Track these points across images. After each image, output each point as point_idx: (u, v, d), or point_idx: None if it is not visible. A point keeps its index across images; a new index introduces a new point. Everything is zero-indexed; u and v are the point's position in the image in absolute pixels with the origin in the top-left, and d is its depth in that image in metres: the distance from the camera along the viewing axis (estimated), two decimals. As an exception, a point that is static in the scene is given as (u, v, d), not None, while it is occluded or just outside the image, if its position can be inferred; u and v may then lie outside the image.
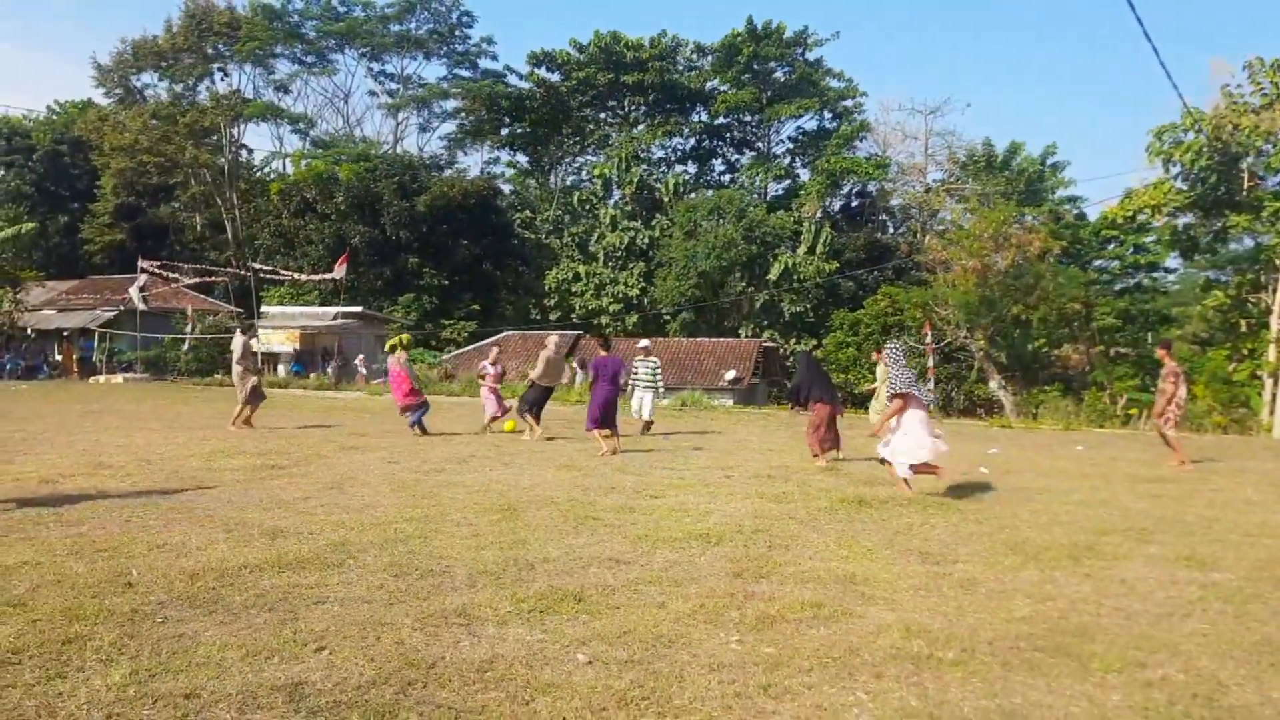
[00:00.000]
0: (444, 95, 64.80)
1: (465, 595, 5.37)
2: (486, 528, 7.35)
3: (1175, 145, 31.07)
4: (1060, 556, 6.89)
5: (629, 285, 50.67)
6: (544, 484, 9.87)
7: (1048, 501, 9.59)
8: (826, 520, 8.20)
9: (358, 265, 44.27)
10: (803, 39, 56.78)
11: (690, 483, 10.35)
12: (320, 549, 6.40)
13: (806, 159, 59.52)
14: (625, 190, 54.31)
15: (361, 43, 64.27)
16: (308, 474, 10.19)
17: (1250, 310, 32.66)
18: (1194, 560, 6.87)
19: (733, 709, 3.87)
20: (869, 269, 48.13)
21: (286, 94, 66.02)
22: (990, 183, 47.90)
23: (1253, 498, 10.31)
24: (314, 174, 50.59)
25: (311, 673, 4.10)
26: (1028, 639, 4.89)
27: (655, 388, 17.18)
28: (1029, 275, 35.59)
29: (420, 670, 4.17)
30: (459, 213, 47.84)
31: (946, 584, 6.04)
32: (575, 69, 58.85)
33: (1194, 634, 5.08)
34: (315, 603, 5.16)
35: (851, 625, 5.07)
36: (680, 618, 5.09)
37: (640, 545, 6.89)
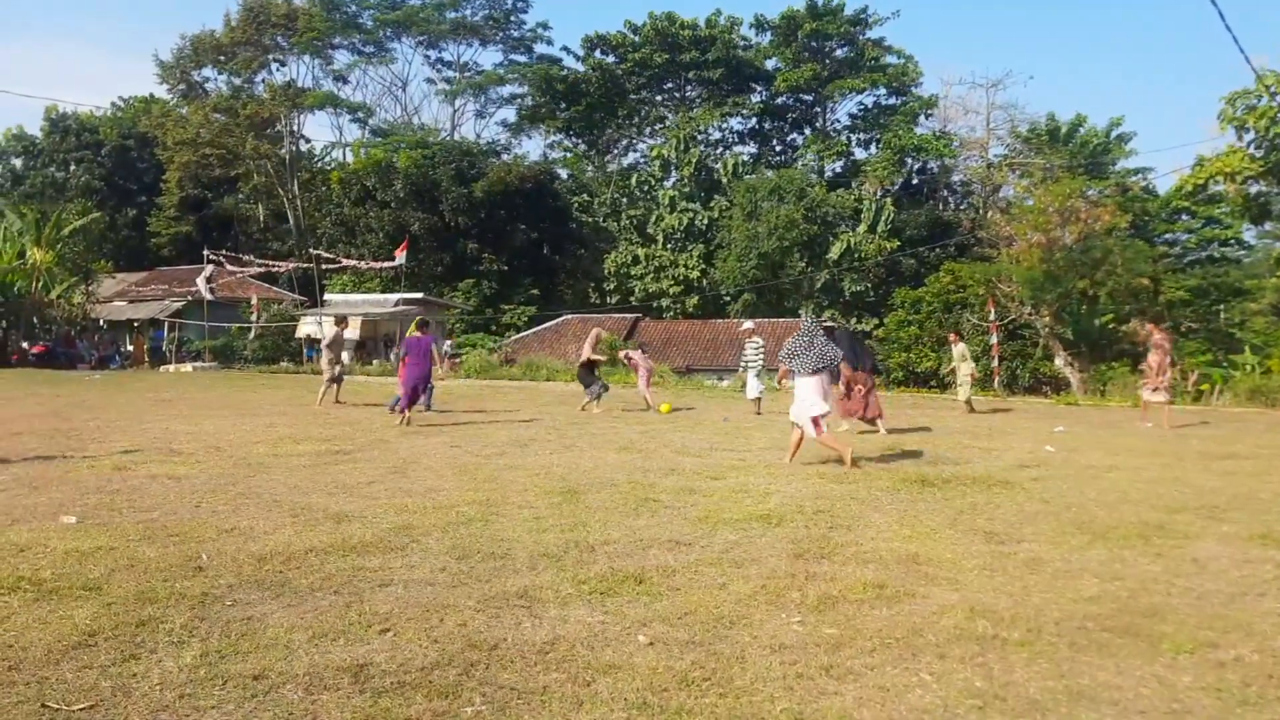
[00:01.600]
0: (500, 81, 65.12)
1: (527, 577, 5.43)
2: (547, 510, 7.42)
3: (1249, 111, 29.96)
4: (1129, 535, 6.74)
5: (689, 267, 50.47)
6: (604, 466, 9.92)
7: (1116, 480, 9.38)
8: (888, 500, 8.12)
9: (417, 252, 44.77)
10: (862, 17, 55.93)
11: (751, 464, 10.32)
12: (384, 532, 6.52)
13: (866, 136, 58.68)
14: (684, 171, 54.05)
15: (418, 31, 64.76)
16: (371, 459, 10.37)
17: (1329, 280, 31.48)
18: (1269, 539, 6.67)
19: (794, 690, 3.86)
20: (930, 246, 47.32)
21: (345, 84, 66.92)
22: (1054, 156, 46.72)
23: None
24: (373, 162, 51.22)
25: (376, 654, 4.17)
26: (1096, 619, 4.80)
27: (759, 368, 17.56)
28: (1096, 250, 34.65)
29: (483, 651, 4.23)
30: (516, 198, 48.08)
31: (1011, 564, 5.95)
32: (630, 51, 58.66)
33: (1269, 614, 4.94)
34: (379, 585, 5.25)
35: (914, 606, 5.03)
36: (741, 599, 5.09)
37: (701, 527, 6.90)
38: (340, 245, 47.54)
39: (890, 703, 3.75)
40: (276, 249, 54.51)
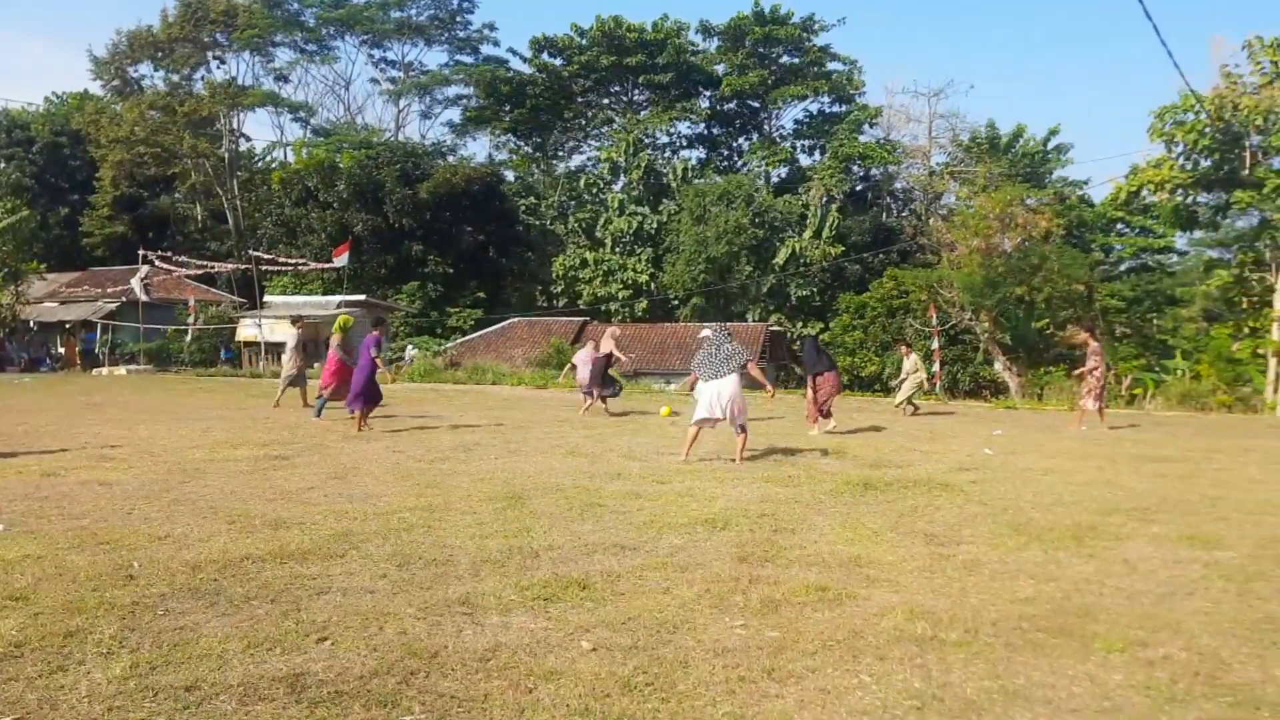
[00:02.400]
0: (446, 82, 64.55)
1: (469, 584, 5.37)
2: (491, 516, 7.36)
3: (1177, 125, 30.91)
4: (1064, 537, 6.90)
5: (638, 271, 50.50)
6: (550, 471, 9.88)
7: (1051, 482, 9.59)
8: (832, 504, 8.21)
9: (360, 254, 44.18)
10: (809, 24, 56.55)
11: (696, 468, 10.35)
12: (323, 539, 6.41)
13: (811, 143, 59.31)
14: (632, 175, 54.08)
15: (362, 29, 63.93)
16: (311, 464, 10.20)
17: (1253, 288, 32.53)
18: (1197, 539, 6.87)
19: (736, 694, 3.87)
20: (874, 252, 47.99)
21: (286, 82, 65.76)
22: (994, 164, 47.67)
23: (1256, 476, 10.30)
24: (315, 162, 50.41)
25: (313, 663, 4.10)
26: (1031, 619, 4.90)
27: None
28: (1033, 256, 35.46)
29: (423, 659, 4.17)
30: (462, 199, 47.71)
31: (950, 565, 6.04)
32: (577, 53, 58.60)
33: (1196, 612, 5.08)
34: (317, 593, 5.16)
35: (856, 608, 5.08)
36: (685, 603, 5.09)
37: (646, 531, 6.90)
38: (281, 246, 46.72)
39: (830, 704, 3.78)
40: (215, 249, 53.38)
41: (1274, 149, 29.71)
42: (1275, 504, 8.43)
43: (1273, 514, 7.94)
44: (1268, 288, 31.25)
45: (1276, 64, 29.20)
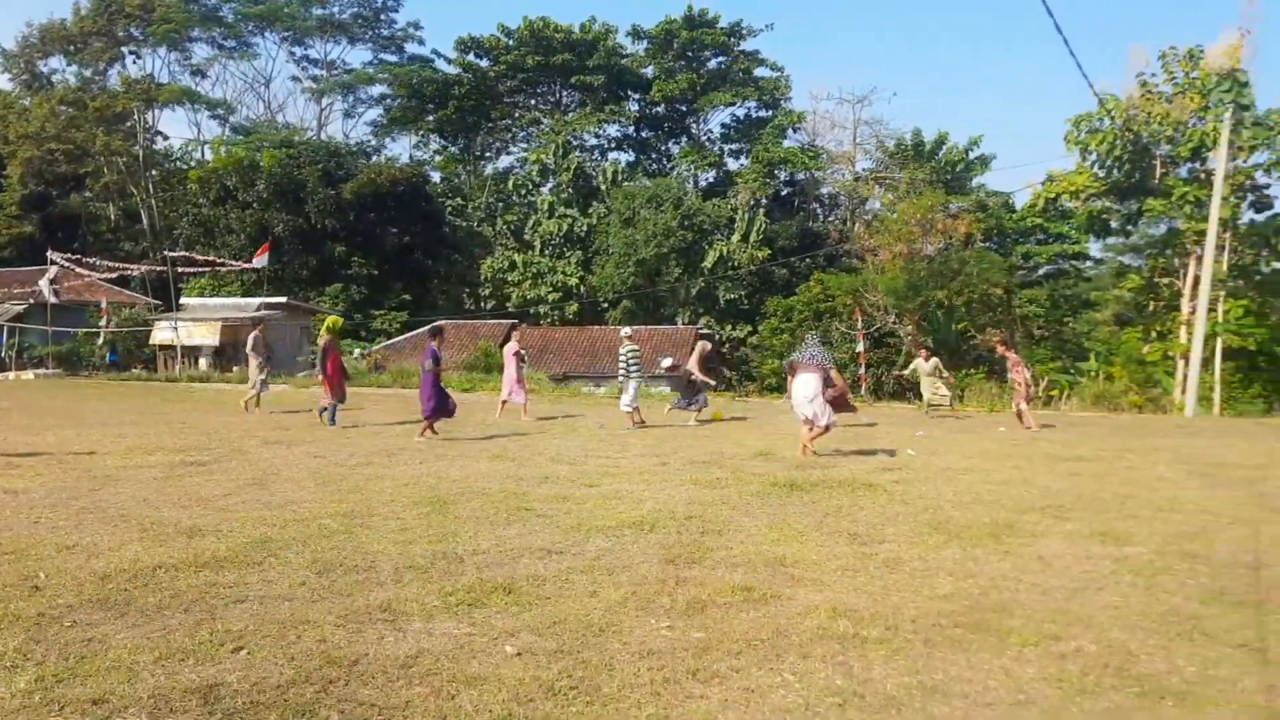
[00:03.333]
0: (369, 81, 63.67)
1: (391, 590, 5.28)
2: (414, 521, 7.24)
3: (1091, 134, 31.96)
4: (982, 535, 7.06)
5: (567, 274, 50.37)
6: (475, 475, 9.77)
7: (970, 481, 9.81)
8: (759, 504, 8.27)
9: (282, 255, 43.24)
10: (738, 29, 57.10)
11: (626, 470, 10.35)
12: (240, 547, 6.24)
13: (738, 147, 59.89)
14: (562, 177, 53.92)
15: (283, 26, 62.70)
16: (228, 470, 9.93)
17: (1162, 293, 33.82)
18: (1108, 536, 7.09)
19: (661, 695, 3.87)
20: (801, 256, 48.63)
21: (204, 79, 64.23)
22: (917, 171, 48.74)
23: (1164, 474, 10.68)
24: (234, 161, 49.17)
25: (228, 674, 3.99)
26: (949, 616, 5.00)
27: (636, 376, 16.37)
28: (953, 261, 36.36)
29: (342, 668, 4.09)
30: (387, 200, 47.00)
31: (873, 564, 6.14)
32: (504, 54, 58.27)
33: (1107, 607, 5.24)
34: (234, 602, 5.03)
35: (780, 607, 5.12)
36: (611, 606, 5.08)
37: (573, 535, 6.86)
38: (198, 247, 45.40)
39: (754, 704, 3.81)
40: (129, 250, 51.72)
41: (1182, 159, 30.91)
42: (1181, 501, 8.75)
43: (1179, 511, 8.23)
44: (1176, 293, 32.51)
45: (1189, 75, 30.39)
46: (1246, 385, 30.10)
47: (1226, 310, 29.79)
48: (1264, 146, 29.80)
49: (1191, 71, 30.41)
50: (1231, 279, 30.37)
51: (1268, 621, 4.99)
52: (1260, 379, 30.33)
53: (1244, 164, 30.15)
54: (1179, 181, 30.60)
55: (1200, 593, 5.52)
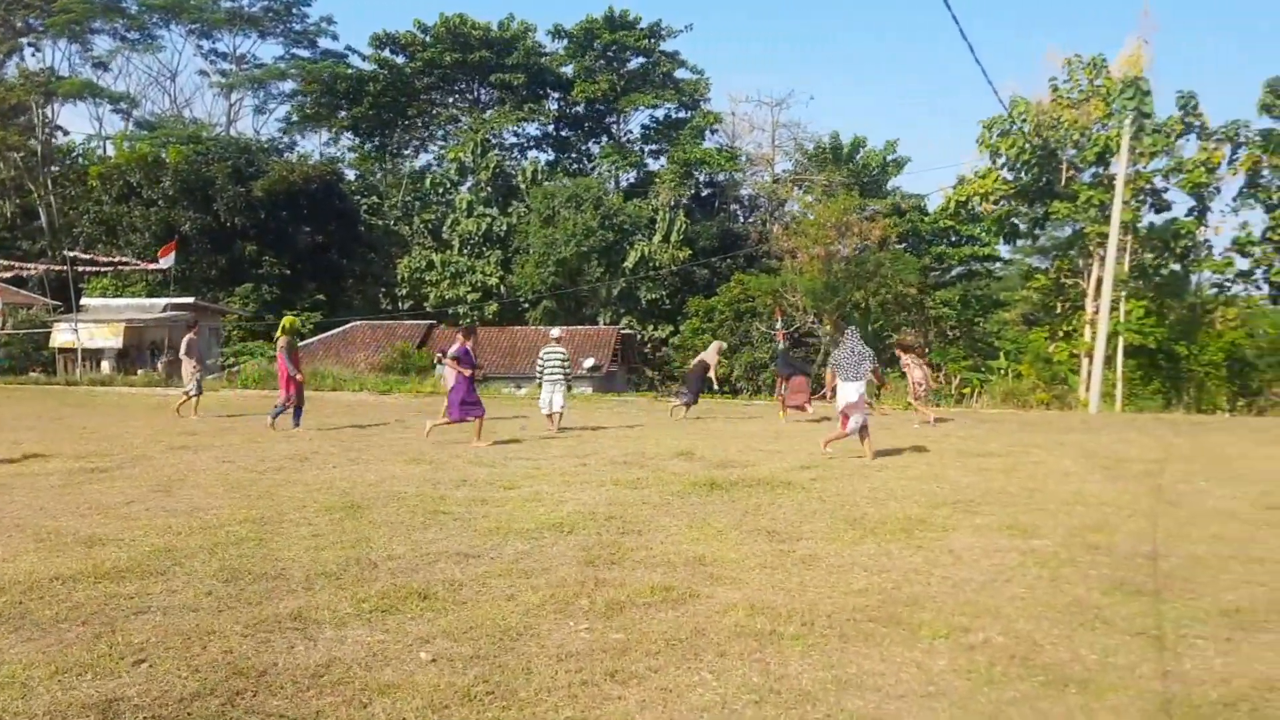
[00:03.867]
0: (281, 76, 62.09)
1: (302, 598, 5.14)
2: (327, 527, 7.07)
3: (1002, 137, 32.96)
4: (895, 530, 7.20)
5: (486, 273, 49.87)
6: (391, 479, 9.60)
7: (885, 478, 10.01)
8: (679, 504, 8.30)
9: (189, 254, 41.89)
10: (658, 30, 57.30)
11: (546, 472, 10.28)
12: (142, 556, 6.01)
13: (658, 148, 60.11)
14: (481, 176, 53.37)
15: (189, 18, 60.78)
16: (131, 476, 9.57)
17: (1068, 293, 35.05)
18: (1016, 529, 7.30)
19: (578, 698, 3.84)
20: (722, 257, 49.05)
21: (106, 72, 61.87)
22: (835, 173, 49.59)
23: (1070, 469, 11.05)
24: (138, 157, 47.39)
25: (128, 688, 3.83)
26: (864, 610, 5.08)
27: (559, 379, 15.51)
28: (869, 262, 37.12)
29: (249, 679, 3.96)
30: (300, 198, 45.88)
31: (790, 561, 6.21)
32: (420, 50, 57.44)
33: (1014, 598, 5.39)
34: (135, 613, 4.84)
35: (699, 606, 5.14)
36: (529, 609, 5.03)
37: (491, 538, 6.79)
38: (100, 246, 43.70)
39: (672, 703, 3.81)
40: (26, 249, 49.50)
41: (1087, 164, 32.07)
42: (1085, 495, 9.07)
43: (1083, 504, 8.53)
44: (1080, 293, 33.73)
45: (1093, 82, 31.53)
46: (1146, 382, 31.41)
47: (1128, 310, 31.02)
48: (1163, 152, 31.13)
49: (1096, 79, 31.57)
50: (1132, 280, 31.63)
51: (1165, 610, 5.19)
52: (1159, 376, 31.67)
53: (1144, 169, 31.44)
54: (1084, 186, 31.76)
55: (1102, 583, 5.72)
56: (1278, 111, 32.77)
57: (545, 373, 15.52)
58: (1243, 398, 30.54)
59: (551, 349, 15.68)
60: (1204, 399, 30.13)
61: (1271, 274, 32.33)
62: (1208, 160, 31.09)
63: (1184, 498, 9.04)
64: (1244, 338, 33.14)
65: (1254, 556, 6.55)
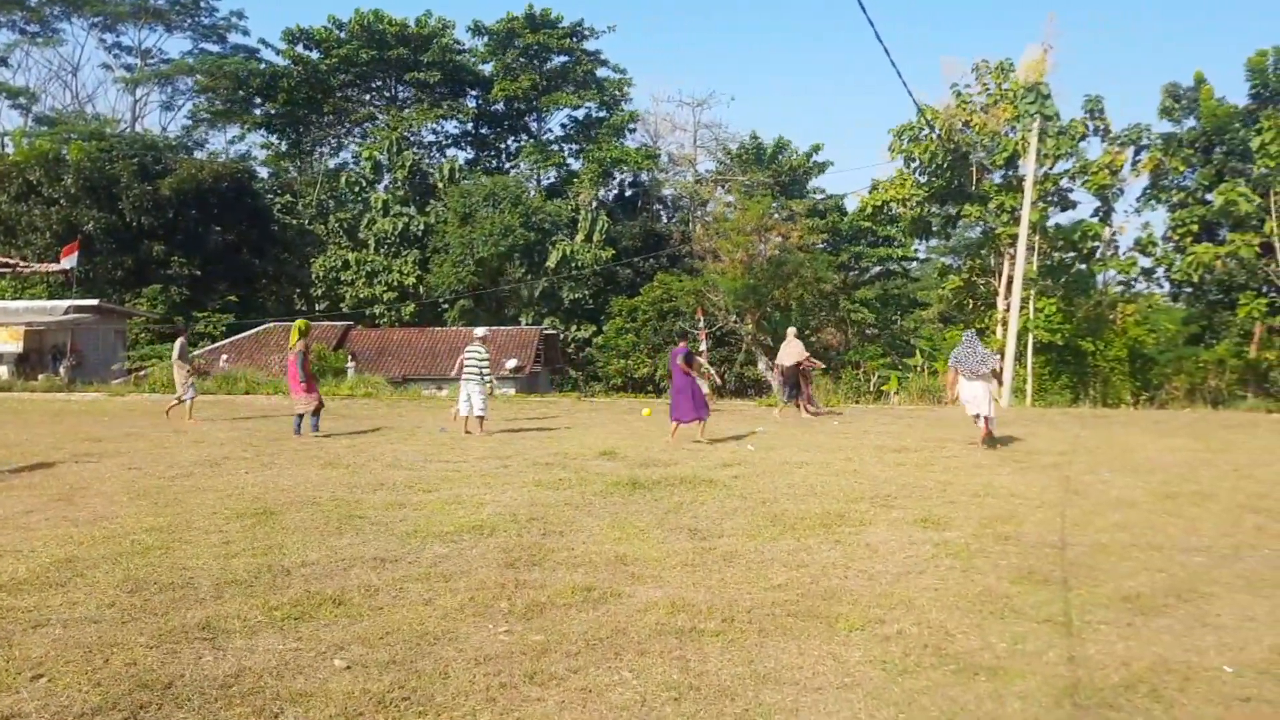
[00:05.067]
0: (189, 71, 60.18)
1: (210, 607, 4.99)
2: (238, 534, 6.88)
3: (914, 142, 33.72)
4: (814, 525, 7.31)
5: (404, 273, 49.11)
6: (305, 484, 9.37)
7: (806, 474, 10.15)
8: (601, 504, 8.29)
9: (92, 254, 40.36)
10: (579, 29, 57.13)
11: (466, 474, 10.16)
12: (41, 567, 5.76)
13: (579, 147, 59.93)
14: (397, 174, 52.52)
15: (92, 11, 58.54)
16: (31, 485, 9.16)
17: (980, 292, 36.04)
18: (929, 521, 7.48)
19: (497, 701, 3.81)
20: (644, 257, 49.16)
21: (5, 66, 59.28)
22: (757, 174, 50.09)
23: (981, 462, 11.37)
24: (38, 154, 45.47)
25: (26, 704, 3.68)
26: (782, 605, 5.14)
27: (483, 380, 15.11)
28: (789, 263, 37.63)
29: (155, 691, 3.83)
30: (210, 197, 44.58)
31: (711, 558, 6.25)
32: (335, 46, 56.28)
33: (927, 589, 5.52)
34: (33, 626, 4.64)
35: (620, 605, 5.14)
36: (448, 613, 4.97)
37: (409, 542, 6.68)
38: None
39: (591, 703, 3.80)
40: (-84, 248, 47.14)
41: (996, 166, 33.01)
42: (995, 487, 9.34)
43: (993, 496, 8.78)
44: (992, 291, 34.70)
45: (1000, 87, 32.45)
46: (1055, 377, 32.49)
47: (1038, 308, 32.03)
48: (1068, 155, 32.21)
49: (1003, 83, 32.51)
50: (1041, 278, 32.66)
51: (1071, 597, 5.38)
52: (1067, 371, 32.79)
53: (1051, 171, 32.50)
54: (993, 187, 32.68)
55: (1011, 573, 5.90)
56: (1177, 115, 34.24)
57: (464, 372, 15.18)
58: (1145, 391, 31.81)
59: (473, 349, 15.32)
60: (1109, 393, 31.31)
61: (1172, 272, 33.70)
62: (1111, 163, 32.27)
63: (1089, 488, 9.39)
64: (1145, 334, 34.57)
65: (1154, 544, 6.82)
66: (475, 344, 15.52)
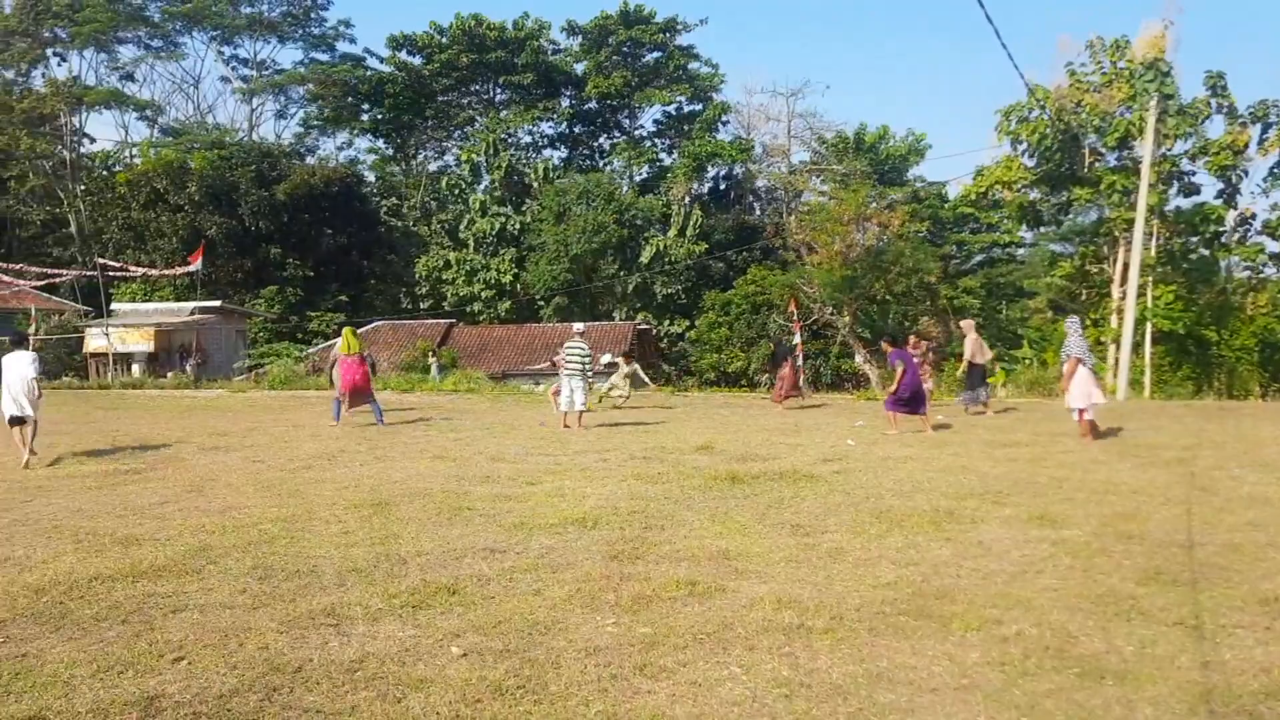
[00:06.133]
0: (300, 80, 62.42)
1: (334, 595, 5.20)
2: (356, 524, 7.14)
3: (1022, 124, 32.63)
4: (922, 522, 7.17)
5: (501, 271, 50.05)
6: (417, 476, 9.67)
7: (910, 470, 9.96)
8: (701, 498, 8.30)
9: (215, 258, 42.31)
10: (672, 24, 57.17)
11: (567, 468, 10.31)
12: (178, 555, 6.10)
13: (671, 142, 59.94)
14: (494, 175, 53.52)
15: (210, 25, 61.19)
16: (165, 477, 9.69)
17: (1093, 280, 34.70)
18: (1045, 519, 7.25)
19: (608, 692, 3.87)
20: (737, 250, 48.89)
21: (132, 80, 62.48)
22: (854, 163, 49.28)
23: (1099, 457, 10.96)
24: (164, 163, 47.88)
25: (168, 685, 3.90)
26: (892, 603, 5.07)
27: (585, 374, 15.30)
28: (888, 253, 36.90)
29: (286, 674, 4.02)
30: (322, 201, 46.26)
31: (816, 554, 6.20)
32: (437, 52, 57.59)
33: (1046, 589, 5.35)
34: (172, 611, 4.92)
35: (725, 600, 5.15)
36: (556, 604, 5.06)
37: (516, 533, 6.83)
38: (129, 251, 44.24)
39: (701, 697, 3.82)
40: (57, 255, 50.11)
41: (1110, 148, 31.71)
42: (1115, 483, 8.98)
43: (1114, 493, 8.45)
44: (1106, 279, 33.38)
45: (1115, 65, 31.14)
46: (1176, 368, 31.04)
47: (1156, 296, 30.67)
48: (1187, 135, 30.72)
49: (1118, 61, 31.19)
50: (1160, 265, 31.26)
51: (1202, 599, 5.14)
52: (1189, 362, 31.28)
53: (1170, 152, 31.05)
54: (1107, 170, 31.40)
55: (1136, 573, 5.67)
56: (1306, 90, 32.30)
57: (565, 368, 15.31)
58: (1275, 383, 30.14)
59: (573, 344, 15.39)
60: (1235, 385, 29.76)
61: (1303, 257, 31.89)
62: (1234, 141, 30.65)
63: (1217, 485, 8.95)
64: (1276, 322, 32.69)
65: (1289, 543, 6.48)
66: (575, 339, 15.60)
